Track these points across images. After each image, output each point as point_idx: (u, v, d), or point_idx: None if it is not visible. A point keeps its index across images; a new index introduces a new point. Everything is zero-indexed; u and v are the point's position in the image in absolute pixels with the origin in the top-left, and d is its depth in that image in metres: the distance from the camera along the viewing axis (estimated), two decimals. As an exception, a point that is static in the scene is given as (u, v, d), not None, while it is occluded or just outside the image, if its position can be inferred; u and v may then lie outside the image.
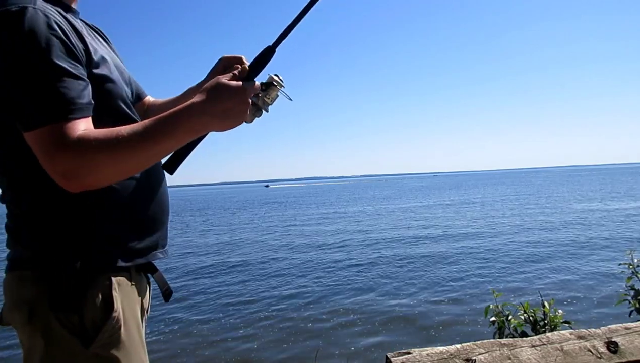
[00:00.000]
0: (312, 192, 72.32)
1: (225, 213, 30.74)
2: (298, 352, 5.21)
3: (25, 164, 0.88)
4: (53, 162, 0.80)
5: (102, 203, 0.95)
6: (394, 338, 5.48)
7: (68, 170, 0.80)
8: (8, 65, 0.80)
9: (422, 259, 10.38)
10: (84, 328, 0.87)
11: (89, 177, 0.81)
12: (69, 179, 0.80)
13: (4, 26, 0.80)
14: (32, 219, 0.92)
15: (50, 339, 0.87)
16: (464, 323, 5.85)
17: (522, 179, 79.80)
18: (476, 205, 26.00)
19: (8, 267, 0.95)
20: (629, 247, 3.31)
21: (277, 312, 6.82)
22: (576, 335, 1.26)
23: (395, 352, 1.16)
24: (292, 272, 9.74)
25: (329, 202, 38.38)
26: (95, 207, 0.94)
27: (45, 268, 0.89)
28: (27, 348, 0.90)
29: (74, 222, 0.92)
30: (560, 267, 8.86)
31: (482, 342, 1.23)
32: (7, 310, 0.93)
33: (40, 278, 0.89)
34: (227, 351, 5.35)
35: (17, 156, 0.89)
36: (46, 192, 0.89)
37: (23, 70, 0.80)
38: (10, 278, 0.93)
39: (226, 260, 11.79)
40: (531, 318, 2.55)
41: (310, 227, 19.20)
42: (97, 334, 0.88)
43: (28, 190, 0.91)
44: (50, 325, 0.87)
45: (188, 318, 6.69)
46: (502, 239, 12.74)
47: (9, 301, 0.93)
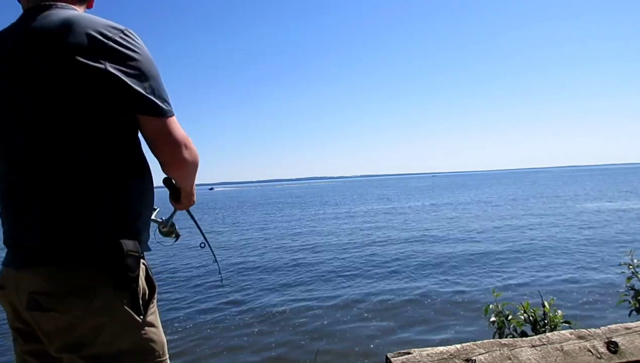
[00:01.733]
0: (309, 192, 72.26)
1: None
2: (297, 352, 5.21)
3: (96, 158, 1.04)
4: (179, 147, 1.11)
5: (143, 195, 1.16)
6: (394, 338, 5.48)
7: (192, 156, 1.16)
8: (151, 63, 1.07)
9: (422, 259, 10.37)
10: (137, 302, 1.08)
11: (186, 169, 1.18)
12: (184, 164, 1.15)
13: (138, 39, 1.08)
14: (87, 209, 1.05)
15: (115, 315, 1.05)
16: (464, 323, 5.85)
17: (523, 179, 79.83)
18: (475, 206, 26.00)
19: (47, 259, 1.03)
20: (629, 247, 3.31)
21: (277, 311, 6.81)
22: (576, 335, 1.27)
23: (396, 352, 1.16)
24: (291, 272, 9.74)
25: (329, 202, 38.41)
26: (140, 199, 1.15)
27: (103, 255, 1.04)
28: (89, 328, 1.03)
29: (127, 211, 1.11)
30: (561, 267, 8.86)
31: (482, 342, 1.23)
32: (53, 298, 1.02)
33: (95, 265, 1.04)
34: (226, 351, 5.35)
35: (89, 148, 1.04)
36: (111, 183, 1.07)
37: (155, 71, 1.08)
38: (57, 269, 1.03)
39: (223, 259, 11.79)
40: (531, 318, 2.55)
41: (311, 227, 19.20)
42: (148, 306, 1.12)
43: (93, 183, 1.05)
44: (113, 304, 1.04)
45: (182, 314, 6.69)
46: (501, 239, 12.74)
47: (58, 289, 1.02)
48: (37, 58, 1.00)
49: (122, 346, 1.06)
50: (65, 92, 0.99)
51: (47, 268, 1.03)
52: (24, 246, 1.07)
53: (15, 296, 1.08)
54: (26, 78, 1.01)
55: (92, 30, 1.01)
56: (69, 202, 1.03)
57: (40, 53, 1.00)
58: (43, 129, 1.01)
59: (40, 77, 0.99)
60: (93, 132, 1.03)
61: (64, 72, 0.98)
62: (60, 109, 1.00)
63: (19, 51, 1.03)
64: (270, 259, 11.59)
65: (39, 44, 1.01)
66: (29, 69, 1.01)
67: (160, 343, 1.13)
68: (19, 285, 1.06)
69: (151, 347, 1.10)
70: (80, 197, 1.04)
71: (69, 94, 0.99)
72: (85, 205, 1.04)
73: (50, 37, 1.00)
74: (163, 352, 1.14)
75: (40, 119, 1.01)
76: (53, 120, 1.01)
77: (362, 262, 10.41)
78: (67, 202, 1.03)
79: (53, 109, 1.00)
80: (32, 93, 1.01)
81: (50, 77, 0.98)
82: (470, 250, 11.24)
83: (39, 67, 0.99)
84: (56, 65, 0.98)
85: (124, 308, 1.06)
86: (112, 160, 1.07)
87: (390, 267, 9.65)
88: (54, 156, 1.02)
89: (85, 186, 1.04)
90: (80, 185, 1.04)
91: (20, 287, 1.06)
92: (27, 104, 1.01)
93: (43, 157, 1.03)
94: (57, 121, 1.01)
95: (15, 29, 1.08)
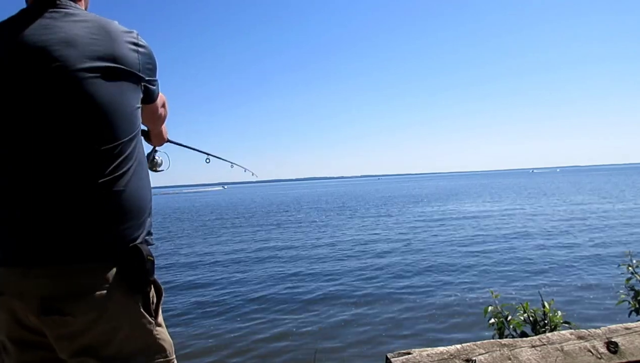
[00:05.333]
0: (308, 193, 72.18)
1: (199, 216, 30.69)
2: (297, 352, 5.21)
3: (111, 155, 1.05)
4: (162, 116, 1.40)
5: (148, 191, 1.18)
6: (394, 338, 5.48)
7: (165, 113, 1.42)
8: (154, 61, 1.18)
9: (422, 259, 10.38)
10: (149, 304, 1.12)
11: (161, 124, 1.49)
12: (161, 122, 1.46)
13: (140, 39, 1.14)
14: (105, 209, 1.05)
15: (130, 317, 1.07)
16: (464, 324, 5.85)
17: (524, 179, 79.81)
18: (476, 206, 26.01)
19: (63, 258, 1.01)
20: (628, 248, 3.30)
21: (276, 311, 6.82)
22: (576, 335, 1.27)
23: (396, 352, 1.16)
24: (290, 272, 9.74)
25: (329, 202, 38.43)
26: (147, 195, 1.17)
27: (117, 259, 1.05)
28: (105, 331, 1.03)
29: (141, 212, 1.12)
30: (561, 267, 8.86)
31: (482, 342, 1.23)
32: (69, 301, 1.00)
33: (111, 267, 1.04)
34: (224, 349, 5.35)
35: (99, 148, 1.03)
36: (124, 182, 1.07)
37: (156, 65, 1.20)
38: (71, 271, 1.01)
39: (220, 259, 11.79)
40: (531, 318, 2.55)
41: (314, 228, 19.20)
42: (159, 307, 1.16)
43: (102, 181, 1.03)
44: (128, 306, 1.07)
45: (183, 314, 6.69)
46: (502, 238, 12.74)
47: (73, 292, 1.00)
48: (46, 59, 0.99)
49: (137, 347, 1.08)
50: (77, 90, 0.99)
51: (60, 269, 1.00)
52: (33, 243, 1.02)
53: (18, 302, 1.02)
54: (35, 76, 1.00)
55: (112, 31, 1.05)
56: (82, 200, 1.01)
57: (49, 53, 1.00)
58: (47, 124, 1.00)
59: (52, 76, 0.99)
60: (101, 129, 1.03)
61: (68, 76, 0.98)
62: (66, 107, 0.99)
63: (23, 51, 1.01)
64: (270, 260, 11.59)
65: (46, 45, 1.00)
66: (37, 68, 1.00)
67: (169, 342, 1.17)
68: (25, 291, 1.01)
69: (162, 346, 1.14)
70: (90, 194, 1.02)
71: (72, 96, 0.99)
72: (96, 202, 1.03)
73: (51, 42, 1.00)
74: (172, 351, 1.18)
75: (45, 114, 1.00)
76: (66, 116, 1.00)
77: (362, 262, 10.41)
78: (81, 200, 1.01)
79: (60, 106, 0.99)
80: (34, 93, 1.00)
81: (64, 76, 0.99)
82: (469, 250, 11.25)
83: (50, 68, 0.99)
84: (61, 66, 0.98)
85: (139, 310, 1.09)
86: (122, 156, 1.07)
87: (390, 267, 9.65)
88: (65, 153, 1.00)
89: (94, 184, 1.02)
90: (89, 183, 1.01)
91: (27, 291, 1.00)
92: (32, 100, 1.00)
93: (55, 154, 1.00)
94: (69, 118, 1.00)
95: (19, 26, 1.05)
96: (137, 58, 1.10)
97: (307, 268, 10.04)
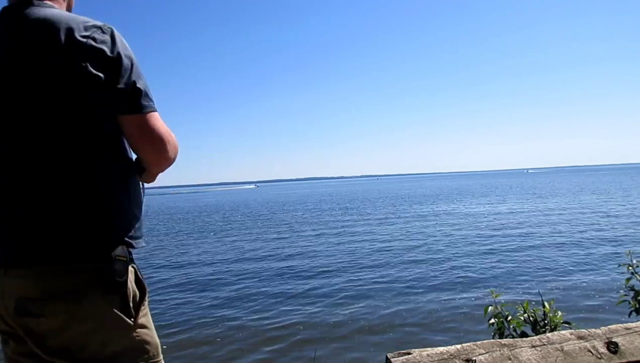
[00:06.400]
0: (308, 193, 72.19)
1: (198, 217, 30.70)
2: (297, 352, 5.20)
3: (81, 157, 1.03)
4: (164, 143, 1.11)
5: (131, 194, 1.15)
6: (394, 338, 5.48)
7: (174, 153, 1.17)
8: (131, 59, 1.05)
9: (422, 260, 10.37)
10: (127, 305, 1.07)
11: (167, 165, 1.20)
12: (167, 161, 1.17)
13: (116, 34, 1.06)
14: (77, 211, 1.04)
15: (105, 319, 1.04)
16: (465, 324, 5.85)
17: (523, 179, 79.74)
18: (476, 206, 26.00)
19: (36, 259, 1.02)
20: (629, 247, 3.30)
21: (275, 311, 6.81)
22: (576, 335, 1.27)
23: (396, 352, 1.16)
24: (290, 272, 9.73)
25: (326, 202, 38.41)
26: (129, 198, 1.14)
27: (92, 259, 1.04)
28: (78, 333, 1.02)
29: (114, 215, 1.10)
30: (561, 267, 8.85)
31: (482, 342, 1.23)
32: (41, 303, 1.00)
33: (84, 269, 1.03)
34: (223, 349, 5.35)
35: (76, 150, 1.03)
36: (98, 184, 1.06)
37: (137, 67, 1.07)
38: (44, 272, 1.02)
39: (219, 259, 11.79)
40: (531, 318, 2.54)
41: (310, 226, 19.20)
42: (139, 308, 1.11)
43: (80, 183, 1.04)
44: (102, 308, 1.04)
45: (183, 312, 6.69)
46: (502, 239, 12.73)
47: (45, 293, 1.00)
48: (17, 57, 1.01)
49: (115, 349, 1.05)
50: (44, 92, 0.99)
51: (34, 271, 1.01)
52: (9, 245, 1.06)
53: (0, 300, 1.06)
54: (7, 77, 1.02)
55: (70, 28, 1.02)
56: (55, 202, 1.03)
57: (19, 52, 1.01)
58: (25, 127, 1.02)
59: (20, 76, 1.00)
60: (76, 130, 1.03)
61: (42, 72, 0.99)
62: (41, 108, 1.00)
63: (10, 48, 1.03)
64: (269, 260, 11.59)
65: (17, 43, 1.02)
66: (10, 68, 1.02)
67: (153, 344, 1.14)
68: (5, 290, 1.05)
69: (145, 348, 1.11)
70: (66, 197, 1.03)
71: (48, 94, 1.00)
72: (71, 205, 1.04)
73: (29, 37, 1.01)
74: (157, 352, 1.14)
75: (22, 117, 1.02)
76: (35, 118, 1.01)
77: (362, 263, 10.40)
78: (53, 202, 1.03)
79: (34, 108, 1.01)
80: (12, 92, 1.01)
81: (29, 76, 1.00)
82: (469, 250, 11.25)
83: (20, 66, 1.01)
84: (35, 64, 0.99)
85: (114, 312, 1.05)
86: (98, 159, 1.07)
87: (390, 268, 9.64)
88: (38, 155, 1.02)
89: (71, 187, 1.04)
90: (66, 186, 1.03)
91: (7, 291, 1.04)
92: (8, 103, 1.02)
93: (27, 156, 1.02)
94: (39, 119, 1.01)
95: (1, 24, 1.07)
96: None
97: (307, 269, 10.04)
